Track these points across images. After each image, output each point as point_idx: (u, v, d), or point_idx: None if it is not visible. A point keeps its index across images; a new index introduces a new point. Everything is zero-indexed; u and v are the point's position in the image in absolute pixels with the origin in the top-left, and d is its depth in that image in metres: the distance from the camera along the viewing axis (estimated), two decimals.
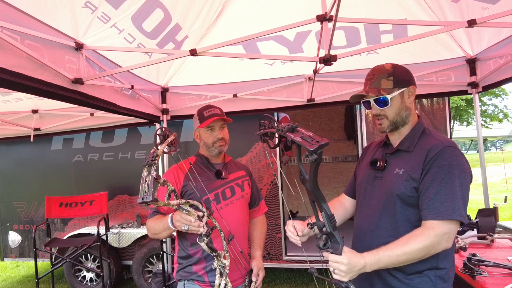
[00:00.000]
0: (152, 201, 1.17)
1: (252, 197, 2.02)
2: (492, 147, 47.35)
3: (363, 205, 1.52)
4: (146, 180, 1.20)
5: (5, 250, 4.96)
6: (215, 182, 1.82)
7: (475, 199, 9.85)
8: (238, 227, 1.82)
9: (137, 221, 4.39)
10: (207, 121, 1.79)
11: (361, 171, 1.59)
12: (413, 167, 1.33)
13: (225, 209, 1.79)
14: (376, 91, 1.38)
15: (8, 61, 1.57)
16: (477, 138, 3.30)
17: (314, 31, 2.64)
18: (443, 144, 1.32)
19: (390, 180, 1.39)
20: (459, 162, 1.29)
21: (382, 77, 1.41)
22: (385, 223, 1.39)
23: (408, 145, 1.40)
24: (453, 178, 1.26)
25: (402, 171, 1.36)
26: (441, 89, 3.24)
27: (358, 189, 1.57)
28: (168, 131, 1.49)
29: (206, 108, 1.86)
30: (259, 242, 1.97)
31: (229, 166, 1.96)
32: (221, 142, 1.84)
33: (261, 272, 1.82)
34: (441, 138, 1.37)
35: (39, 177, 4.81)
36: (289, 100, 3.43)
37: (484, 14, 2.12)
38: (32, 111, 3.69)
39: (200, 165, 1.88)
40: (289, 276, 4.74)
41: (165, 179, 1.31)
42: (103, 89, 2.44)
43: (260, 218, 2.09)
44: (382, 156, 1.49)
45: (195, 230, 1.48)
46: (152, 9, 2.15)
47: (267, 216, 4.23)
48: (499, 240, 2.45)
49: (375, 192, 1.46)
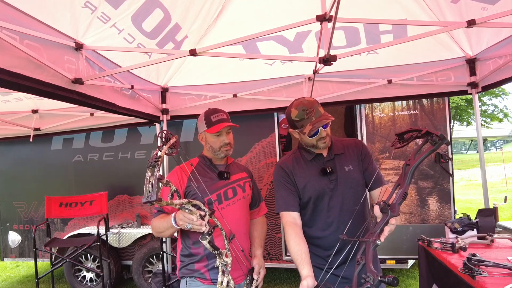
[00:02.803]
0: (156, 201, 1.21)
1: (253, 198, 2.05)
2: (492, 147, 47.35)
3: (330, 206, 1.75)
4: (150, 180, 1.25)
5: (5, 250, 4.96)
6: (217, 183, 1.87)
7: (475, 199, 9.85)
8: (239, 227, 1.87)
9: (137, 221, 4.39)
10: (215, 128, 1.83)
11: (313, 184, 1.76)
12: (353, 160, 1.78)
13: (226, 209, 1.83)
14: (330, 116, 1.66)
15: (7, 61, 1.57)
16: (477, 138, 3.30)
17: (314, 31, 2.64)
18: (355, 140, 1.94)
19: (346, 176, 1.74)
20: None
21: (318, 106, 1.70)
22: (356, 205, 1.70)
23: (339, 149, 1.81)
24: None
25: (350, 167, 1.76)
26: (441, 89, 3.24)
27: (319, 198, 1.76)
28: (170, 133, 1.53)
29: (213, 112, 1.89)
30: (260, 241, 2.02)
31: (232, 167, 1.99)
32: (227, 147, 1.88)
33: (262, 270, 1.87)
34: (344, 138, 1.92)
35: (39, 177, 4.81)
36: (289, 100, 3.42)
37: (484, 14, 2.12)
38: (32, 111, 3.68)
39: (203, 166, 1.92)
40: (289, 276, 4.74)
41: (168, 180, 1.35)
42: (102, 89, 2.44)
43: (260, 219, 2.13)
44: (322, 165, 1.77)
45: (197, 229, 1.53)
46: (151, 9, 2.15)
47: (267, 216, 4.22)
48: (499, 240, 2.45)
49: (338, 190, 1.74)
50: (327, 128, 1.71)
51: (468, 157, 31.35)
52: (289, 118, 1.76)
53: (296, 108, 1.70)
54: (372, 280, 1.12)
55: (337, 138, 1.87)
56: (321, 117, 1.65)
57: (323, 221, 1.77)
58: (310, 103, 1.69)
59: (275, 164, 4.19)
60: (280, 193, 1.80)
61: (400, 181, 1.30)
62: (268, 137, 4.09)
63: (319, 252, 1.77)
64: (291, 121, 1.74)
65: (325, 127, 1.69)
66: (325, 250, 1.76)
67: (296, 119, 1.70)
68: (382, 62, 3.17)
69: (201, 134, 1.94)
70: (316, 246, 1.78)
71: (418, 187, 3.70)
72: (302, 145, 1.84)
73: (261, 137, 4.11)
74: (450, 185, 3.66)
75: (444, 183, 3.66)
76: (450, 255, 2.23)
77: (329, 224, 1.76)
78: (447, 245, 2.31)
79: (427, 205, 3.69)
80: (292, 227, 1.69)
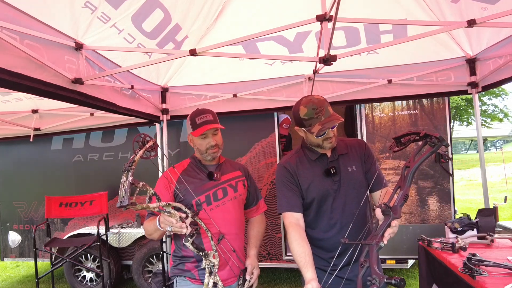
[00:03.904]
0: (129, 205, 1.21)
1: (250, 197, 2.02)
2: (492, 147, 47.33)
3: (333, 207, 1.72)
4: (124, 185, 1.25)
5: (5, 250, 4.96)
6: (207, 184, 1.85)
7: (475, 199, 9.85)
8: (230, 227, 1.83)
9: (137, 221, 4.39)
10: (199, 130, 1.79)
11: (316, 185, 1.73)
12: (356, 160, 1.76)
13: (216, 210, 1.81)
14: (339, 117, 1.62)
15: (7, 61, 1.57)
16: (477, 138, 3.30)
17: (314, 31, 2.64)
18: (358, 140, 1.94)
19: (349, 176, 1.72)
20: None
21: (327, 105, 1.66)
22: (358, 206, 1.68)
23: (343, 150, 1.78)
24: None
25: (354, 167, 1.74)
26: (441, 89, 3.24)
27: (323, 199, 1.73)
28: (148, 137, 1.51)
29: (198, 113, 1.84)
30: (255, 241, 1.98)
31: (224, 167, 1.96)
32: (214, 149, 1.84)
33: (255, 270, 1.83)
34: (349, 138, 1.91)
35: (39, 177, 4.81)
36: (289, 100, 3.42)
37: (484, 14, 2.12)
38: (32, 111, 3.69)
39: (193, 167, 1.91)
40: (289, 276, 4.74)
41: (143, 183, 1.32)
42: (103, 89, 2.44)
43: (258, 217, 2.08)
44: (326, 165, 1.74)
45: (177, 231, 1.52)
46: (152, 9, 2.15)
47: (267, 216, 4.25)
48: (499, 240, 2.45)
49: (341, 191, 1.72)
50: (334, 129, 1.68)
51: (468, 157, 31.36)
52: (296, 116, 1.70)
53: (306, 106, 1.65)
54: (378, 282, 1.12)
55: (340, 138, 1.82)
56: (331, 117, 1.61)
57: (326, 222, 1.74)
58: (320, 102, 1.64)
59: (275, 164, 4.21)
60: (283, 193, 1.76)
61: (401, 183, 1.30)
62: (268, 137, 4.09)
63: (322, 254, 1.75)
64: (299, 119, 1.68)
65: (333, 127, 1.67)
66: (327, 252, 1.73)
67: (305, 118, 1.64)
68: (382, 62, 3.17)
69: (189, 136, 1.92)
70: (319, 247, 1.75)
71: (418, 187, 3.70)
72: (306, 144, 1.81)
73: (261, 137, 4.11)
74: (450, 185, 3.66)
75: (444, 183, 3.66)
76: (450, 255, 2.23)
77: (332, 225, 1.73)
78: (447, 245, 2.31)
79: (427, 205, 3.69)
80: (295, 228, 1.66)
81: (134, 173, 1.30)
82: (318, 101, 1.65)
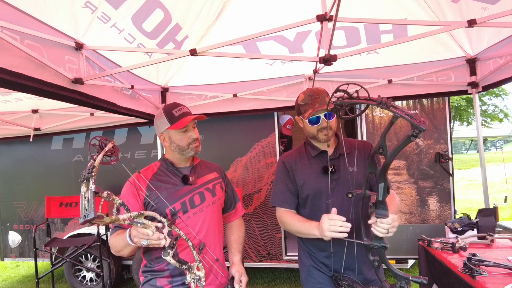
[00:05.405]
0: (96, 219, 1.03)
1: (227, 200, 1.87)
2: (492, 147, 47.32)
3: (328, 205, 1.69)
4: (86, 196, 1.07)
5: (5, 250, 4.96)
6: (181, 189, 1.65)
7: (475, 199, 9.85)
8: (211, 236, 1.69)
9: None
10: (180, 122, 1.61)
11: (311, 182, 1.74)
12: (359, 161, 1.73)
13: (193, 218, 1.64)
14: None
15: (7, 61, 1.57)
16: (477, 138, 3.30)
17: (314, 31, 2.64)
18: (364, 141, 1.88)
19: (348, 176, 1.69)
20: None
21: (325, 96, 1.66)
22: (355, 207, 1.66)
23: (346, 149, 1.72)
24: None
25: (355, 168, 1.72)
26: (441, 89, 3.24)
27: (316, 196, 1.73)
28: (105, 139, 1.35)
29: (174, 106, 1.67)
30: (237, 246, 1.84)
31: (198, 169, 1.78)
32: (196, 143, 1.68)
33: (243, 278, 1.67)
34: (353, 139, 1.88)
35: (39, 177, 4.81)
36: (289, 100, 3.43)
37: (484, 14, 2.12)
38: (32, 111, 3.68)
39: (164, 171, 1.70)
40: (289, 276, 4.74)
41: (108, 192, 1.16)
42: (103, 89, 2.44)
43: (237, 221, 1.95)
44: (326, 162, 1.73)
45: (156, 244, 1.30)
46: (152, 9, 2.15)
47: (268, 216, 4.25)
48: (499, 240, 2.46)
49: (338, 190, 1.70)
50: (331, 120, 1.66)
51: (468, 157, 31.34)
52: (296, 104, 1.76)
53: (305, 93, 1.71)
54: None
55: (347, 138, 1.79)
56: (325, 105, 1.61)
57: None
58: (319, 91, 1.68)
59: (275, 164, 4.20)
60: (278, 188, 1.81)
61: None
62: (268, 137, 4.09)
63: (316, 254, 1.77)
64: (298, 107, 1.74)
65: (330, 118, 1.65)
66: (321, 251, 1.75)
67: (301, 103, 1.70)
68: (382, 62, 3.17)
69: (162, 134, 1.69)
70: (313, 246, 1.78)
71: (418, 187, 3.70)
72: (308, 140, 1.83)
73: (261, 137, 4.11)
74: (450, 185, 3.66)
75: (444, 183, 3.66)
76: (450, 255, 2.23)
77: None
78: (447, 245, 2.31)
79: (427, 205, 3.69)
80: (288, 212, 1.77)
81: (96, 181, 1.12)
82: (318, 90, 1.70)
